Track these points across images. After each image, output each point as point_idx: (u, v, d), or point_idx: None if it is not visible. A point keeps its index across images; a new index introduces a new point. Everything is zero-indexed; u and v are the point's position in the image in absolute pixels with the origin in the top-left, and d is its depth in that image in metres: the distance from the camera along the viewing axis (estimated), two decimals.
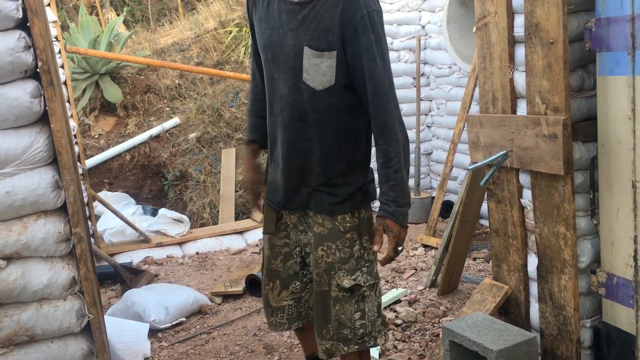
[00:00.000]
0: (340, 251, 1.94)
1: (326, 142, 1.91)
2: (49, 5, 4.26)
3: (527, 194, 2.65)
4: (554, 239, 2.49)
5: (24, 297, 1.92)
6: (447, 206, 4.82)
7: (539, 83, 2.43)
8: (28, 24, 1.83)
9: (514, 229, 2.73)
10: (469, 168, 2.76)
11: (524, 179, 2.64)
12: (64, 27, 6.71)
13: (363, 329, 1.99)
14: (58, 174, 1.89)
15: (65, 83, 4.33)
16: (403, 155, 1.84)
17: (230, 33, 7.47)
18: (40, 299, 1.94)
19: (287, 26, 1.84)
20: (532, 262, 2.65)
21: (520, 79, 2.57)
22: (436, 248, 4.33)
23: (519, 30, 2.55)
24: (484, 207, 3.63)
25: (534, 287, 2.67)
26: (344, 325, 1.97)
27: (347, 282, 1.94)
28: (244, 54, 7.08)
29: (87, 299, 1.97)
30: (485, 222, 4.62)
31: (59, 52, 4.36)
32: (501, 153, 2.63)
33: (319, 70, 1.82)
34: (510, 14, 2.58)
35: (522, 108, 2.61)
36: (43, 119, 1.88)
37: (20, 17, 1.76)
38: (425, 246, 4.50)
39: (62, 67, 4.42)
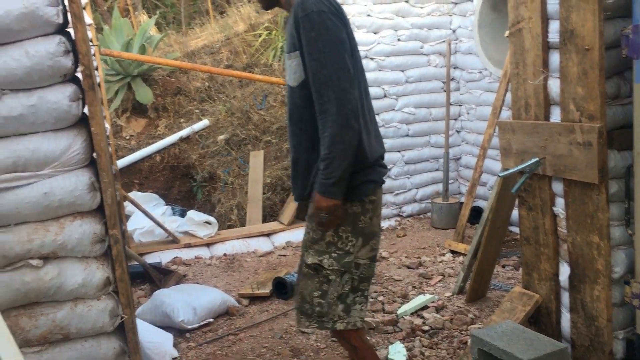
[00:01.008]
0: (314, 232, 2.13)
1: (308, 134, 2.11)
2: (84, 8, 4.35)
3: (559, 202, 2.61)
4: (587, 248, 2.45)
5: (60, 296, 1.96)
6: (475, 212, 4.78)
7: (573, 90, 2.39)
8: (66, 29, 1.88)
9: (546, 237, 2.69)
10: (500, 175, 2.74)
11: (557, 186, 2.60)
12: (98, 30, 6.84)
13: (320, 308, 2.15)
14: (94, 175, 1.93)
15: (99, 85, 4.42)
16: (337, 134, 1.94)
17: (259, 36, 7.52)
18: (75, 298, 1.98)
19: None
20: (564, 271, 2.61)
21: (554, 86, 2.54)
22: (464, 254, 4.30)
23: (554, 36, 2.52)
24: (514, 213, 3.58)
25: (565, 297, 2.63)
26: (305, 300, 2.17)
27: (310, 260, 2.13)
28: (273, 57, 7.12)
29: (122, 300, 2.01)
30: (514, 229, 4.57)
31: (94, 54, 4.45)
32: (533, 160, 2.60)
33: (291, 69, 2.07)
34: (545, 19, 2.55)
35: (555, 115, 2.57)
36: (80, 122, 1.93)
37: (61, 22, 1.81)
38: (453, 252, 4.46)
39: (97, 69, 4.51)
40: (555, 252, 2.67)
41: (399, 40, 5.07)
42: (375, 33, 4.98)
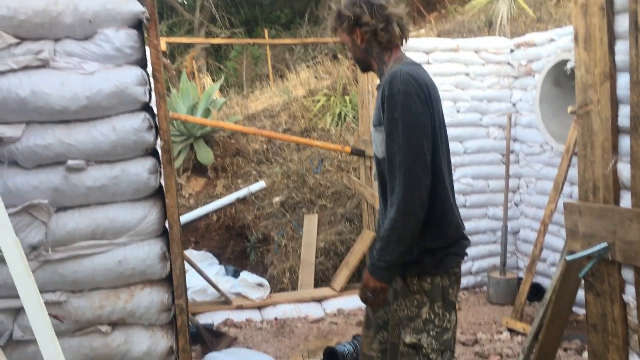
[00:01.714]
0: (408, 309, 2.09)
1: None
2: None
3: (630, 290, 2.50)
4: None
5: None
6: (535, 289, 4.62)
7: None
8: (150, 105, 2.00)
9: (615, 325, 2.57)
10: (567, 259, 2.66)
11: (627, 274, 2.50)
12: (167, 93, 7.18)
13: None
14: (166, 245, 1.99)
15: None
16: (399, 220, 1.94)
17: (318, 102, 7.72)
18: None
19: None
20: None
21: (624, 170, 2.49)
22: (523, 334, 4.13)
23: (624, 120, 2.49)
24: (579, 293, 3.45)
25: None
26: None
27: (409, 339, 2.07)
28: (330, 122, 7.27)
29: None
30: (578, 309, 4.38)
31: None
32: (602, 245, 2.52)
33: (377, 141, 2.09)
34: (615, 103, 2.52)
35: (626, 199, 2.51)
36: (156, 193, 2.01)
37: (147, 100, 1.93)
38: (511, 330, 4.30)
39: None
40: (625, 342, 2.54)
41: (458, 112, 5.10)
42: None
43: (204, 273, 4.94)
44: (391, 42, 2.14)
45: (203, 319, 4.66)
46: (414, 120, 1.95)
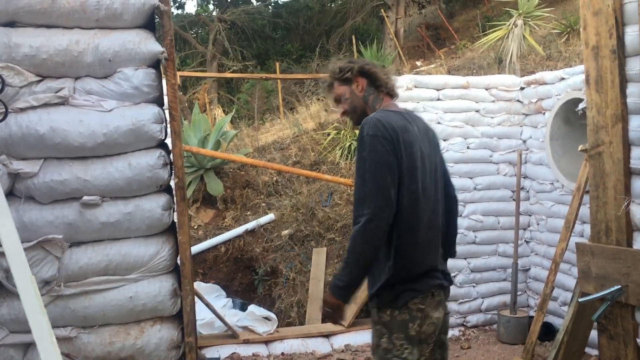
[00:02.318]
0: (374, 338, 2.29)
1: None
2: None
3: None
4: None
5: None
6: (546, 328, 4.55)
7: None
8: (165, 142, 2.02)
9: None
10: (579, 301, 2.63)
11: None
12: None
13: None
14: (177, 282, 1.99)
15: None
16: (357, 244, 2.12)
17: (328, 135, 7.76)
18: None
19: None
20: None
21: (637, 212, 2.48)
22: None
23: (636, 162, 2.49)
24: (592, 333, 3.39)
25: None
26: None
27: None
28: (340, 156, 7.30)
29: None
30: (590, 351, 4.30)
31: None
32: (615, 288, 2.50)
33: None
34: (627, 145, 2.53)
35: (638, 242, 2.49)
36: (169, 230, 2.02)
37: (163, 137, 1.96)
38: None
39: None
40: None
41: (468, 147, 5.12)
42: (444, 140, 5.06)
43: (212, 306, 4.91)
44: (384, 90, 2.40)
45: (209, 353, 4.61)
46: (379, 159, 2.14)
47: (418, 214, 2.23)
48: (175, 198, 1.94)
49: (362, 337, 5.00)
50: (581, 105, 4.20)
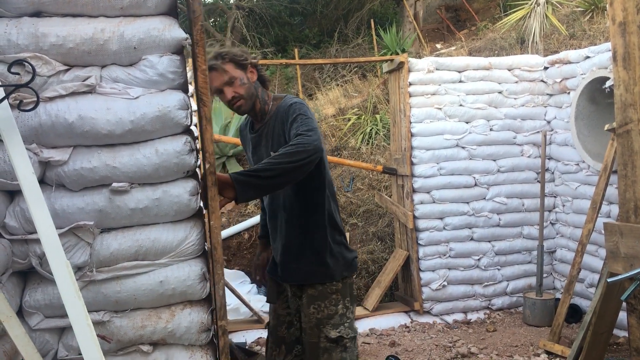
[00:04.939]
0: (327, 309, 2.45)
1: (299, 220, 2.53)
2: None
3: None
4: None
5: None
6: (572, 310, 4.52)
7: None
8: (190, 128, 2.04)
9: None
10: (608, 281, 2.60)
11: None
12: None
13: None
14: (206, 266, 2.02)
15: None
16: (291, 156, 2.15)
17: (348, 120, 7.75)
18: None
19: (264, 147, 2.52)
20: None
21: None
22: (561, 356, 4.04)
23: None
24: (621, 314, 3.36)
25: None
26: None
27: (333, 334, 2.42)
28: (361, 140, 7.29)
29: None
30: (618, 332, 4.27)
31: None
32: None
33: None
34: None
35: None
36: (196, 215, 2.04)
37: (189, 123, 1.97)
38: (549, 353, 4.21)
39: None
40: None
41: (491, 130, 5.07)
42: (467, 122, 5.01)
43: (237, 292, 4.97)
44: (266, 84, 2.55)
45: (236, 338, 4.68)
46: (314, 118, 2.36)
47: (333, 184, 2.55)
48: (207, 183, 1.95)
49: (387, 321, 5.02)
50: (608, 83, 4.13)
